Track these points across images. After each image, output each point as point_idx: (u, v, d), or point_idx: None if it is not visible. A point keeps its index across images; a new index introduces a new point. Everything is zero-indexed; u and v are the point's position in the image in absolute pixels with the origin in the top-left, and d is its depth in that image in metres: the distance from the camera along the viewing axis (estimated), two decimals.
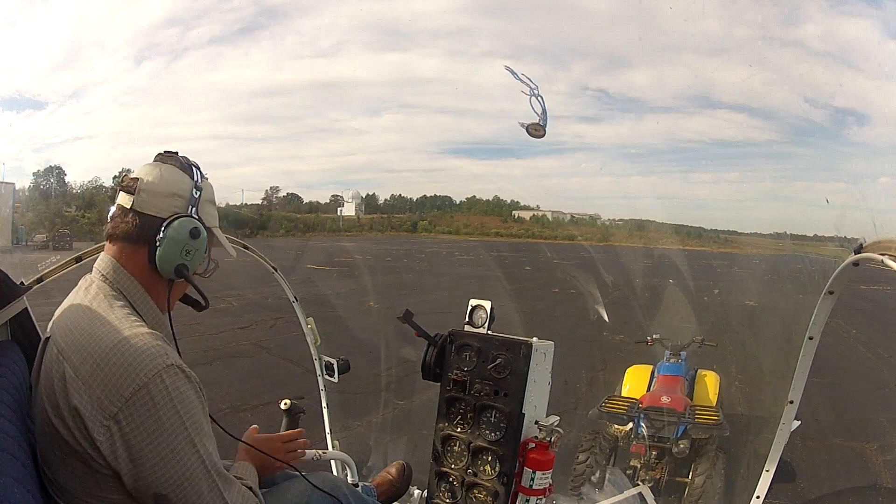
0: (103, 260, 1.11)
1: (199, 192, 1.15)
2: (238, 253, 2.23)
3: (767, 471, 2.06)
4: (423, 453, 1.54)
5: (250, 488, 1.15)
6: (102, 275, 1.09)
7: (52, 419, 0.97)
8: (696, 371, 4.16)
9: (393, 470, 1.90)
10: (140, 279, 1.10)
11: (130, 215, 1.09)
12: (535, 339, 1.56)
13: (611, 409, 3.42)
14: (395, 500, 1.88)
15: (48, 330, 1.09)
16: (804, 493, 3.70)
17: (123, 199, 1.10)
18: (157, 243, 1.09)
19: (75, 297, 1.09)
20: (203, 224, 1.15)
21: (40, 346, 1.09)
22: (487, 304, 1.69)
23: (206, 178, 1.20)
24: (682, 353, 4.05)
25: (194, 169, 1.17)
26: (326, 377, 2.42)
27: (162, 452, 0.94)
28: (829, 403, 5.33)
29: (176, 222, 1.10)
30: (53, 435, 0.97)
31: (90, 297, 1.07)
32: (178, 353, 1.09)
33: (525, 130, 1.97)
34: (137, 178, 1.11)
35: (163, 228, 1.09)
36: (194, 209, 1.13)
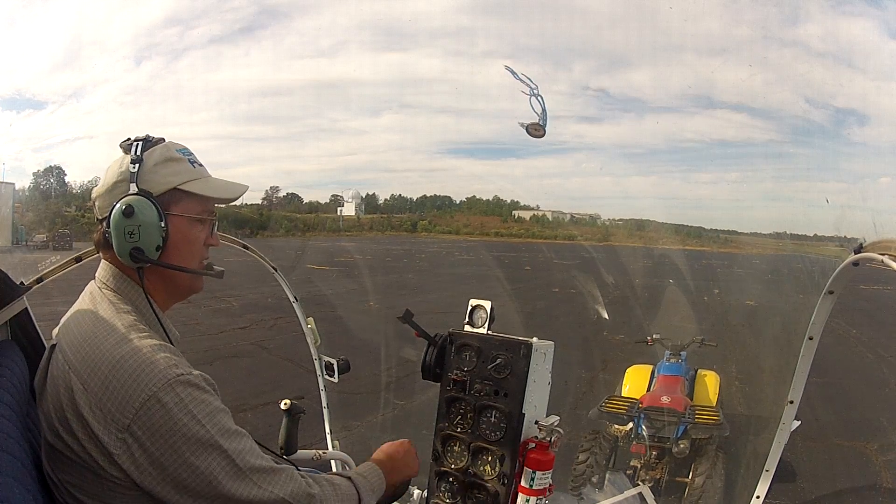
0: (102, 267, 1.11)
1: (137, 164, 1.07)
2: (238, 253, 2.24)
3: (767, 471, 2.06)
4: (423, 453, 1.54)
5: (349, 479, 1.20)
6: (103, 282, 1.09)
7: (57, 427, 0.96)
8: (696, 371, 4.17)
9: None
10: (133, 278, 1.09)
11: (101, 224, 1.09)
12: (535, 339, 1.56)
13: (611, 409, 3.43)
14: (395, 500, 1.87)
15: (54, 337, 1.08)
16: (804, 493, 3.70)
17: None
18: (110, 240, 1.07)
19: (81, 304, 1.08)
20: (145, 193, 1.06)
21: (46, 352, 1.08)
22: (487, 304, 1.68)
23: (161, 142, 1.11)
24: (682, 353, 4.05)
25: (136, 143, 1.08)
26: (326, 377, 2.42)
27: (184, 456, 0.92)
28: (829, 403, 5.33)
29: (112, 213, 1.06)
30: (61, 444, 0.96)
31: (96, 305, 1.06)
32: (170, 340, 1.07)
33: (525, 130, 1.96)
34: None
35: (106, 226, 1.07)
36: (134, 184, 1.06)
